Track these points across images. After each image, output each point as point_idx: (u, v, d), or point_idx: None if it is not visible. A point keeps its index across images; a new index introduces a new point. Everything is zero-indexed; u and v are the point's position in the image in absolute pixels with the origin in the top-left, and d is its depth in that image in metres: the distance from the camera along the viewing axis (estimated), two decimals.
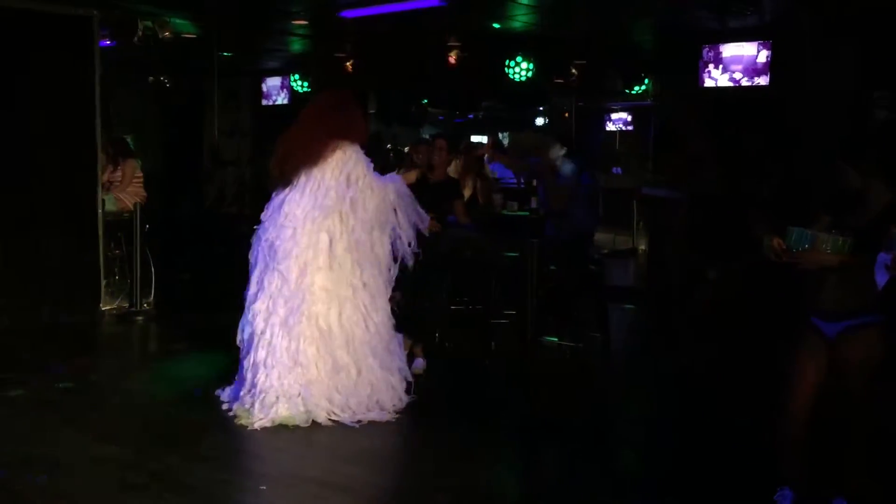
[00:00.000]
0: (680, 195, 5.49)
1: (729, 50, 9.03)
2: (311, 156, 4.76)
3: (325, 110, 4.98)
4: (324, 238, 4.71)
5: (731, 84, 8.92)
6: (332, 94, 5.16)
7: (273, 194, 4.90)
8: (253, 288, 4.81)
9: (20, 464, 3.96)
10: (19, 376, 5.41)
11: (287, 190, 4.81)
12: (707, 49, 9.10)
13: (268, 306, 4.69)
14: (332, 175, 4.78)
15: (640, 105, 12.76)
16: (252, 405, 4.63)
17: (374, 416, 4.67)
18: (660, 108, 9.59)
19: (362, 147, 4.97)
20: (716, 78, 9.07)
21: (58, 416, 4.69)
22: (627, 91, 10.93)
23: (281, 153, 4.86)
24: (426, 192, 5.78)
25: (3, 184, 6.84)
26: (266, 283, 4.72)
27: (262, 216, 4.89)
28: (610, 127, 14.67)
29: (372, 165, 4.95)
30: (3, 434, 4.37)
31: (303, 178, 4.77)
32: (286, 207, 4.76)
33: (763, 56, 8.77)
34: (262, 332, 4.69)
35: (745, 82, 8.85)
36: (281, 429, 4.50)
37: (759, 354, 4.64)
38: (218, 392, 4.99)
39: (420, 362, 5.66)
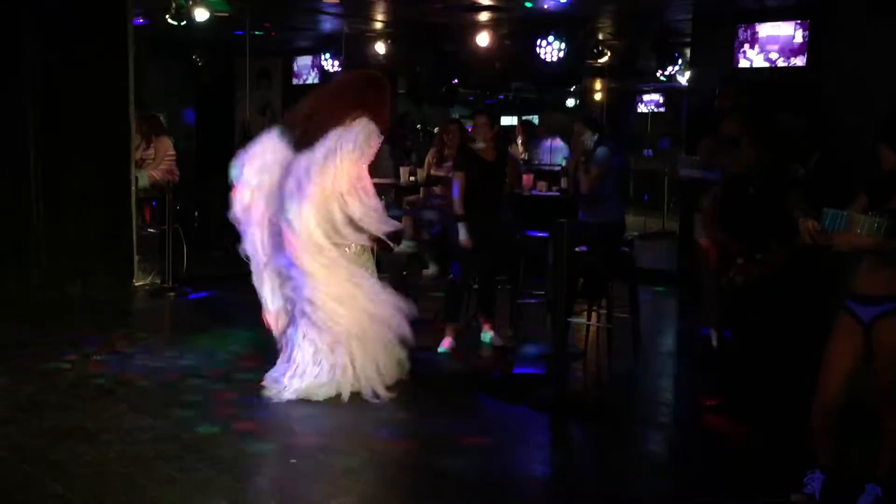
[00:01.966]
0: (716, 176, 5.42)
1: (765, 30, 8.87)
2: (334, 117, 4.76)
3: (358, 84, 5.04)
4: (334, 209, 4.70)
5: (766, 64, 8.78)
6: (367, 73, 5.23)
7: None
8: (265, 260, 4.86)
9: (56, 434, 4.05)
10: (55, 349, 5.52)
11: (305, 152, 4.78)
12: (742, 28, 8.94)
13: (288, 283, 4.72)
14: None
15: (673, 87, 12.62)
16: (281, 378, 4.69)
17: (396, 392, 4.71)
18: (694, 89, 9.44)
19: (384, 133, 4.96)
20: (751, 58, 8.93)
21: (93, 389, 4.77)
22: (661, 73, 10.80)
23: (305, 110, 4.92)
24: (487, 173, 5.82)
25: (40, 162, 6.94)
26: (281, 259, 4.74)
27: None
28: (641, 109, 14.53)
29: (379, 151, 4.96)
30: (40, 406, 4.46)
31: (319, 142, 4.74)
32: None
33: (800, 36, 8.60)
34: (288, 308, 4.75)
35: (781, 63, 8.71)
36: (307, 402, 4.55)
37: (793, 337, 4.59)
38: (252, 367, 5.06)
39: (448, 342, 5.77)
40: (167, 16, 8.83)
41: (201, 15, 8.93)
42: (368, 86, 5.01)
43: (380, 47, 11.06)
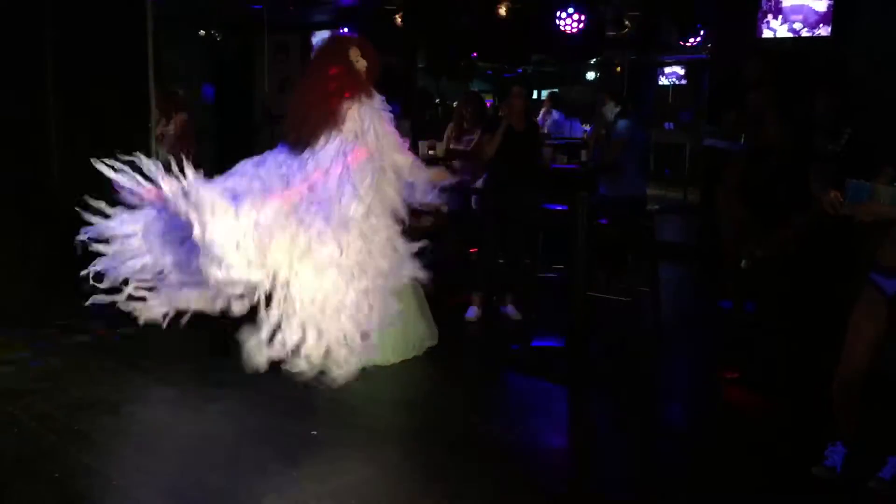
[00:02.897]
0: (741, 147, 5.36)
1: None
2: (325, 121, 4.49)
3: (322, 64, 4.67)
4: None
5: (790, 35, 8.65)
6: (326, 46, 4.85)
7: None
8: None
9: (84, 405, 4.11)
10: (81, 322, 5.58)
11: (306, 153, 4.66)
12: None
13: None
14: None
15: (695, 58, 12.46)
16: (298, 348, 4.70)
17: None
18: (716, 60, 9.32)
19: (377, 84, 4.70)
20: (774, 28, 8.80)
21: (119, 361, 4.83)
22: (683, 43, 10.66)
23: (293, 120, 4.62)
24: (513, 143, 5.80)
25: (61, 138, 6.98)
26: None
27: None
28: (663, 81, 14.37)
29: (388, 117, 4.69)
30: (67, 377, 4.53)
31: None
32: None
33: (823, 5, 8.46)
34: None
35: (805, 33, 8.57)
36: (326, 374, 4.57)
37: (814, 310, 4.57)
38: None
39: (473, 311, 5.80)
40: None
41: None
42: (332, 58, 4.63)
43: (398, 21, 11.00)
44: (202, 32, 11.35)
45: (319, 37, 13.14)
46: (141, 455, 3.58)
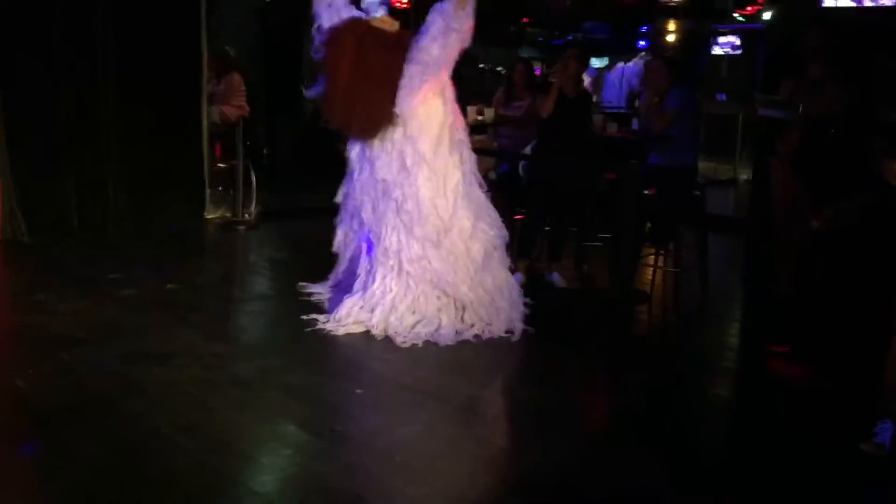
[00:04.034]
0: (797, 117, 5.22)
1: None
2: (375, 120, 4.65)
3: (360, 50, 4.69)
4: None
5: (853, 4, 8.39)
6: (351, 28, 4.76)
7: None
8: (367, 218, 4.89)
9: (134, 356, 4.20)
10: (131, 277, 5.70)
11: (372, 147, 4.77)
12: None
13: (390, 235, 4.74)
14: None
15: (751, 27, 12.15)
16: (349, 309, 4.76)
17: (474, 331, 4.73)
18: (773, 30, 9.07)
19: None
20: None
21: (168, 315, 4.93)
22: (739, 13, 10.39)
23: (335, 115, 4.74)
24: (564, 109, 5.75)
25: (113, 96, 7.07)
26: (388, 214, 4.74)
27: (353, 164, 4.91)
28: (716, 51, 14.05)
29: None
30: (117, 329, 4.63)
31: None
32: (387, 143, 4.74)
33: None
34: (385, 261, 4.76)
35: (868, 2, 8.30)
36: (372, 338, 4.62)
37: (867, 286, 4.46)
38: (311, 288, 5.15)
39: (518, 277, 5.79)
40: None
41: None
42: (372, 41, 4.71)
43: None
44: None
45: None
46: (188, 406, 3.65)
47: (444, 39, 4.60)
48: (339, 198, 5.10)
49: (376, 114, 4.66)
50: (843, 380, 4.22)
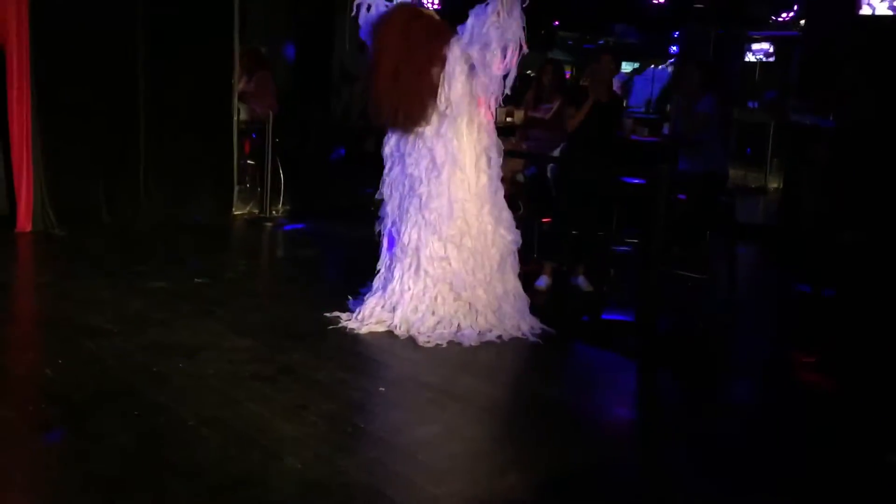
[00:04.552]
0: (830, 124, 5.17)
1: None
2: (424, 106, 4.60)
3: (407, 35, 4.65)
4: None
5: (890, 13, 8.28)
6: (400, 13, 4.74)
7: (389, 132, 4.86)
8: (390, 212, 4.88)
9: (160, 348, 4.24)
10: (159, 270, 5.75)
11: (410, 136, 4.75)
12: None
13: (410, 231, 4.73)
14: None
15: (785, 35, 12.03)
16: (372, 309, 4.76)
17: (496, 333, 4.72)
18: (809, 37, 8.98)
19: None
20: (874, 5, 8.43)
21: (195, 308, 4.96)
22: (773, 18, 10.29)
23: (384, 102, 4.67)
24: (595, 114, 5.73)
25: (148, 91, 7.15)
26: (410, 210, 4.75)
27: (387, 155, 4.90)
28: (749, 58, 13.93)
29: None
30: (144, 321, 4.67)
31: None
32: (418, 138, 4.73)
33: None
34: (403, 258, 4.77)
35: None
36: (395, 336, 4.62)
37: None
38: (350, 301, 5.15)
39: (544, 279, 5.77)
40: None
41: None
42: (414, 23, 4.67)
43: None
44: None
45: None
46: (213, 398, 3.67)
47: (501, 54, 4.54)
48: (379, 195, 5.08)
49: (420, 103, 4.64)
50: (870, 390, 4.16)
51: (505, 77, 4.59)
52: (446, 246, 4.67)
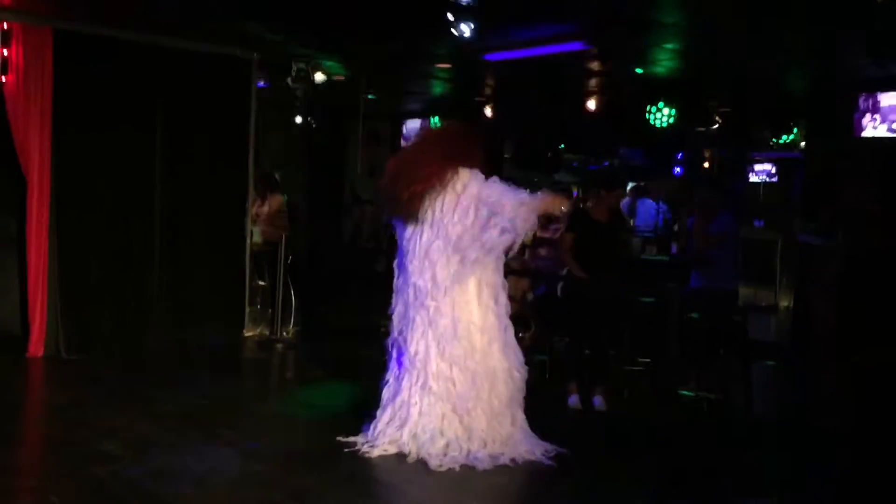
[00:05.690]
0: (836, 245, 5.22)
1: (887, 99, 8.60)
2: (428, 178, 4.66)
3: (445, 136, 4.97)
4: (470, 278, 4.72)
5: (889, 135, 8.49)
6: (453, 124, 5.05)
7: (395, 223, 4.93)
8: (397, 321, 4.87)
9: (167, 474, 4.16)
10: (167, 393, 5.71)
11: (414, 225, 4.79)
12: (864, 98, 8.69)
13: (418, 342, 4.71)
14: (453, 206, 4.69)
15: (787, 156, 12.30)
16: (382, 430, 4.68)
17: (509, 456, 4.62)
18: (810, 158, 9.18)
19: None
20: (874, 128, 8.65)
21: (203, 432, 4.89)
22: (775, 141, 10.55)
23: (392, 172, 4.85)
24: (596, 233, 5.79)
25: (164, 212, 7.30)
26: (416, 320, 4.73)
27: (401, 242, 4.94)
28: (753, 178, 14.21)
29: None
30: (151, 446, 4.60)
31: (427, 209, 4.70)
32: (419, 247, 4.76)
33: None
34: (411, 369, 4.73)
35: None
36: (404, 460, 4.52)
37: None
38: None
39: (574, 398, 5.76)
40: (287, 79, 9.23)
41: (320, 78, 9.31)
42: (458, 137, 4.89)
43: (487, 111, 11.24)
44: (299, 119, 11.80)
45: (411, 125, 13.57)
46: None
47: (499, 238, 4.61)
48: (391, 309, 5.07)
49: (407, 189, 4.69)
50: None
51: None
52: (451, 367, 4.64)
